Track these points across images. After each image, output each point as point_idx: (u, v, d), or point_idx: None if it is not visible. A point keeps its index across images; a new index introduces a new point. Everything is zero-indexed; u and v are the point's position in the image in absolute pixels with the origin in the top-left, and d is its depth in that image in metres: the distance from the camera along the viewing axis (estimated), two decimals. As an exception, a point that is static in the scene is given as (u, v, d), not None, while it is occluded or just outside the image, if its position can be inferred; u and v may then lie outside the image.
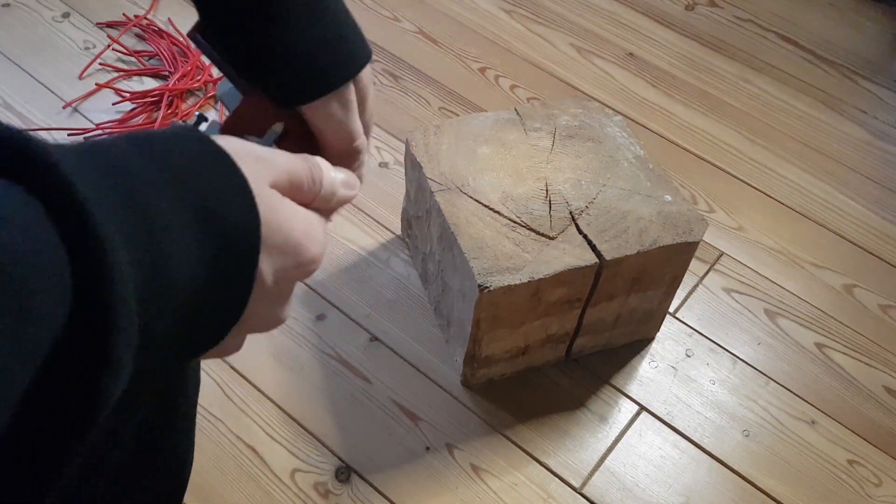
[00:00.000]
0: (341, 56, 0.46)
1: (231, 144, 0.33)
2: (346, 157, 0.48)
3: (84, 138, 1.13)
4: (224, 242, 0.31)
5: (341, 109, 0.46)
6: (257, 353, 0.93)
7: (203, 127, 0.48)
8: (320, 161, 0.38)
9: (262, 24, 0.43)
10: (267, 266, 0.33)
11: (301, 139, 0.47)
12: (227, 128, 0.46)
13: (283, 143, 0.47)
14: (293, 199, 0.36)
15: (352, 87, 0.47)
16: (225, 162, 0.32)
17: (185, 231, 0.29)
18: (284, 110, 0.46)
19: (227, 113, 0.49)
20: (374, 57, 1.42)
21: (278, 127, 0.46)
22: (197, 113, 0.49)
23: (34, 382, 0.24)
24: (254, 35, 0.43)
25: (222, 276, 0.31)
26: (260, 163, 0.34)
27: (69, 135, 1.14)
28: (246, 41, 0.44)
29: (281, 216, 0.33)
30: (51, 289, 0.24)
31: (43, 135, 1.14)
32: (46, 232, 0.24)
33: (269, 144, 0.46)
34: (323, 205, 0.38)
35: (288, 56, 0.44)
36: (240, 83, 0.48)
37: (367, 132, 0.50)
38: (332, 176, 0.38)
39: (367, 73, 0.48)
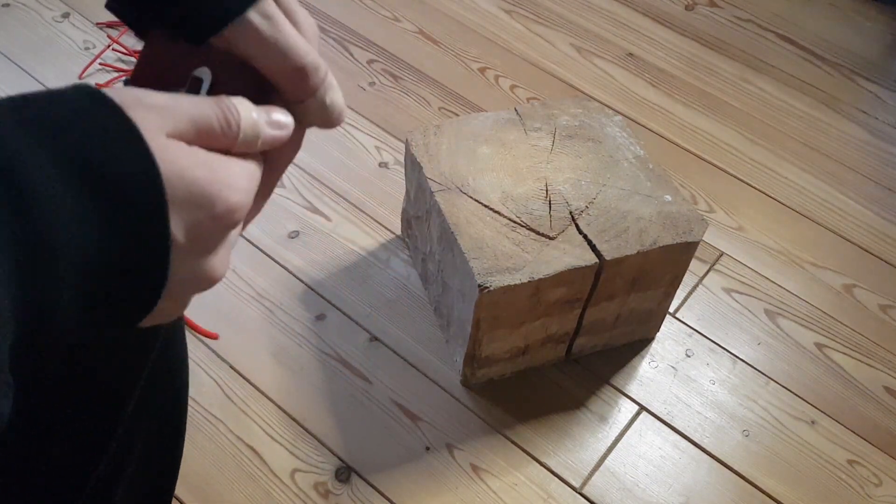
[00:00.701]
0: None
1: (123, 94, 0.30)
2: (300, 81, 0.40)
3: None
4: (118, 199, 0.28)
5: (266, 24, 0.38)
6: (257, 353, 0.93)
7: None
8: (236, 101, 0.34)
9: None
10: (175, 221, 0.30)
11: (235, 82, 0.39)
12: (136, 80, 0.39)
13: (217, 89, 0.39)
14: (205, 147, 0.32)
15: (272, 2, 0.39)
16: (113, 114, 0.29)
17: (67, 193, 0.27)
18: (201, 50, 0.38)
19: None
20: (374, 57, 1.42)
21: (204, 73, 0.39)
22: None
23: None
24: None
25: (125, 235, 0.28)
26: (155, 111, 0.30)
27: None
28: None
29: (181, 164, 0.30)
30: None
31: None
32: None
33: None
34: (246, 148, 0.34)
35: None
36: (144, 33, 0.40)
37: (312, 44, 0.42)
38: (253, 117, 0.34)
39: None
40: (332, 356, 0.93)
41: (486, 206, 0.83)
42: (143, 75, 0.39)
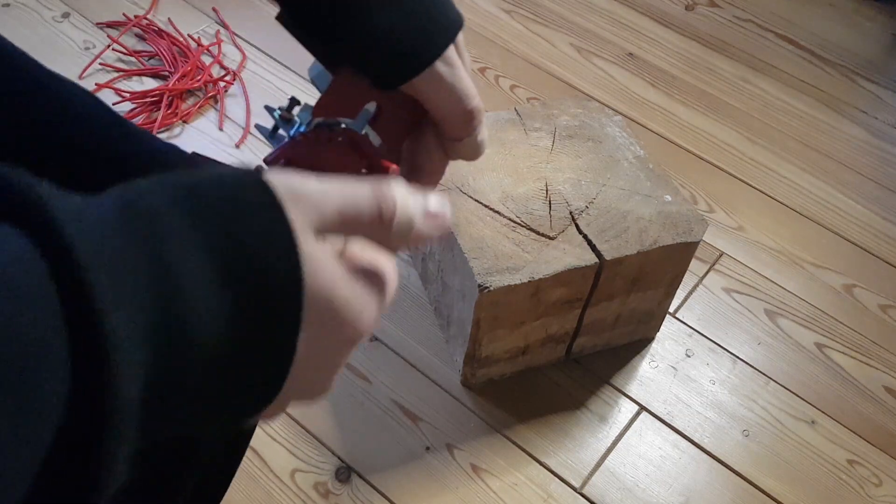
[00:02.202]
0: (440, 21, 0.42)
1: (282, 184, 0.29)
2: (466, 123, 0.44)
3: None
4: (258, 302, 0.27)
5: (449, 72, 0.42)
6: (257, 353, 0.93)
7: (295, 110, 0.44)
8: (394, 189, 0.31)
9: (351, 9, 0.40)
10: (303, 334, 0.29)
11: (397, 118, 0.43)
12: (319, 110, 0.43)
13: (377, 122, 0.43)
14: (350, 234, 0.31)
15: (453, 49, 0.43)
16: (272, 210, 0.28)
17: (212, 284, 0.26)
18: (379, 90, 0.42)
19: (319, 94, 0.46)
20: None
21: (371, 106, 0.43)
22: (291, 96, 0.46)
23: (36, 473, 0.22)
24: (343, 21, 0.41)
25: (256, 339, 0.28)
26: (310, 204, 0.29)
27: (69, 135, 1.14)
28: (335, 28, 0.41)
29: (323, 280, 0.29)
30: (50, 372, 0.22)
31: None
32: (47, 304, 0.22)
33: (362, 126, 0.43)
34: (400, 243, 0.32)
35: (383, 35, 0.41)
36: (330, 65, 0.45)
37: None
38: (409, 204, 0.32)
39: (461, 38, 0.45)
40: (332, 356, 0.93)
41: (486, 205, 0.83)
42: (328, 104, 0.43)
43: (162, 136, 1.15)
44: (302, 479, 0.83)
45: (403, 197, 0.31)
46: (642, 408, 0.92)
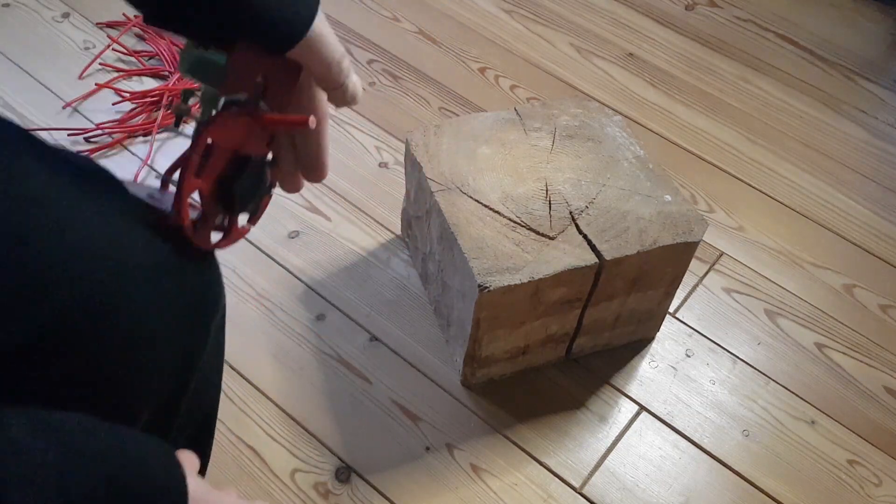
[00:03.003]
0: None
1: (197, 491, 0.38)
2: (338, 73, 0.50)
3: (84, 139, 1.13)
4: None
5: (320, 29, 0.47)
6: (257, 353, 0.93)
7: (191, 100, 0.51)
8: None
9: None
10: None
11: (281, 82, 0.49)
12: (224, 91, 0.48)
13: (266, 97, 0.49)
14: None
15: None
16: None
17: None
18: (263, 58, 0.47)
19: (202, 85, 0.51)
20: (374, 57, 1.42)
21: (260, 80, 0.48)
22: (184, 88, 0.51)
23: None
24: (235, 5, 0.44)
25: None
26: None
27: (69, 135, 1.14)
28: (224, 10, 0.44)
29: None
30: None
31: (43, 135, 1.14)
32: None
33: (257, 100, 0.48)
34: None
35: (269, 7, 0.45)
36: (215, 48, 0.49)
37: None
38: None
39: None
40: (332, 356, 0.93)
41: (486, 206, 0.83)
42: (229, 86, 0.48)
43: (161, 135, 1.16)
44: (302, 479, 0.83)
45: None
46: (642, 408, 0.92)
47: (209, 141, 0.47)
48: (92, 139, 1.14)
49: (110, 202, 0.44)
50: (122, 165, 1.11)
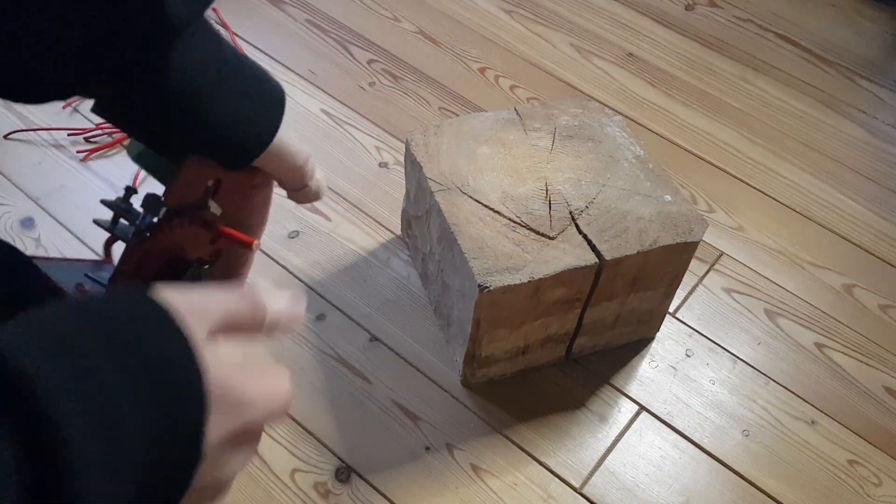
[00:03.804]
0: (271, 101, 0.46)
1: (173, 299, 0.33)
2: (300, 177, 0.50)
3: (84, 139, 1.14)
4: (171, 406, 0.31)
5: (280, 141, 0.47)
6: (257, 353, 0.92)
7: (133, 199, 0.48)
8: (262, 294, 0.38)
9: (195, 108, 0.43)
10: (211, 426, 0.33)
11: (236, 185, 0.48)
12: (170, 198, 0.46)
13: (217, 194, 0.47)
14: (234, 336, 0.36)
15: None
16: (169, 325, 0.32)
17: (134, 398, 0.30)
18: (216, 167, 0.46)
19: (149, 176, 0.49)
20: (374, 57, 1.42)
21: (211, 184, 0.47)
22: (126, 185, 0.50)
23: None
24: (188, 120, 0.43)
25: (171, 441, 0.31)
26: (199, 313, 0.34)
27: (69, 135, 1.14)
28: (180, 126, 0.44)
29: (223, 373, 0.33)
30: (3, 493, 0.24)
31: (43, 135, 1.14)
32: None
33: (204, 204, 0.47)
34: (266, 335, 0.38)
35: (225, 125, 0.44)
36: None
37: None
38: (275, 308, 0.38)
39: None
40: (332, 356, 0.93)
41: (486, 206, 0.83)
42: (178, 193, 0.46)
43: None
44: (302, 479, 0.83)
45: (270, 298, 0.38)
46: (642, 408, 0.92)
47: (146, 250, 0.46)
48: (92, 139, 1.14)
49: None
50: (122, 165, 1.11)
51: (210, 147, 0.44)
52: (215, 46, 0.44)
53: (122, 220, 0.47)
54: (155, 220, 0.47)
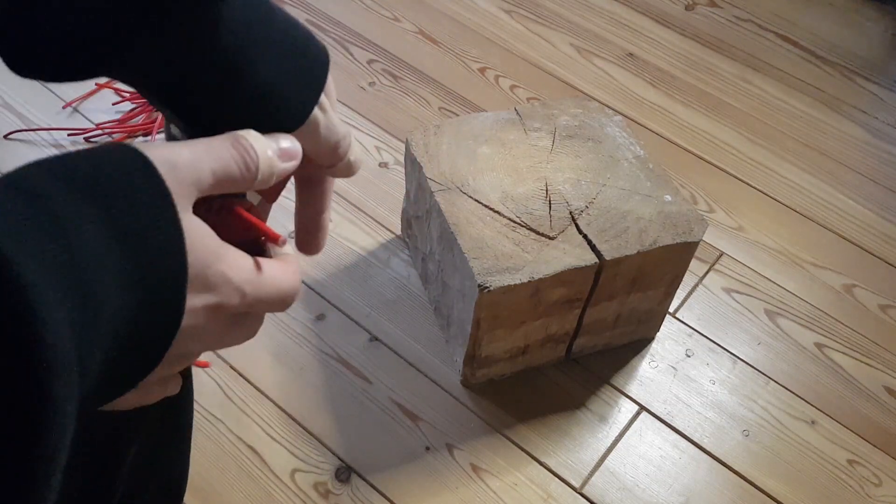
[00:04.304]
0: (317, 63, 0.43)
1: (157, 154, 0.32)
2: (335, 153, 0.47)
3: (84, 139, 1.14)
4: (150, 267, 0.30)
5: (322, 117, 0.44)
6: (257, 353, 0.93)
7: None
8: (251, 139, 0.36)
9: (235, 72, 0.40)
10: (189, 298, 0.32)
11: None
12: None
13: None
14: (227, 192, 0.35)
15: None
16: (153, 183, 0.31)
17: (109, 255, 0.28)
18: None
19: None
20: (374, 57, 1.42)
21: None
22: None
23: None
24: (228, 86, 0.41)
25: (149, 305, 0.30)
26: (185, 171, 0.32)
27: (69, 135, 1.14)
28: (218, 94, 0.41)
29: (202, 253, 0.32)
30: None
31: (43, 135, 1.14)
32: None
33: (243, 194, 0.45)
34: (263, 186, 0.37)
35: (266, 92, 0.41)
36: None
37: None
38: (268, 154, 0.37)
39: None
40: (332, 356, 0.93)
41: (486, 206, 0.83)
42: None
43: (161, 135, 1.15)
44: (302, 479, 0.83)
45: (262, 146, 0.36)
46: (642, 408, 0.92)
47: None
48: (92, 139, 1.14)
49: None
50: (122, 165, 1.11)
51: (256, 111, 0.41)
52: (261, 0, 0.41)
53: None
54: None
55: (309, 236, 0.50)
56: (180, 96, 0.41)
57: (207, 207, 0.44)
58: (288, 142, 0.39)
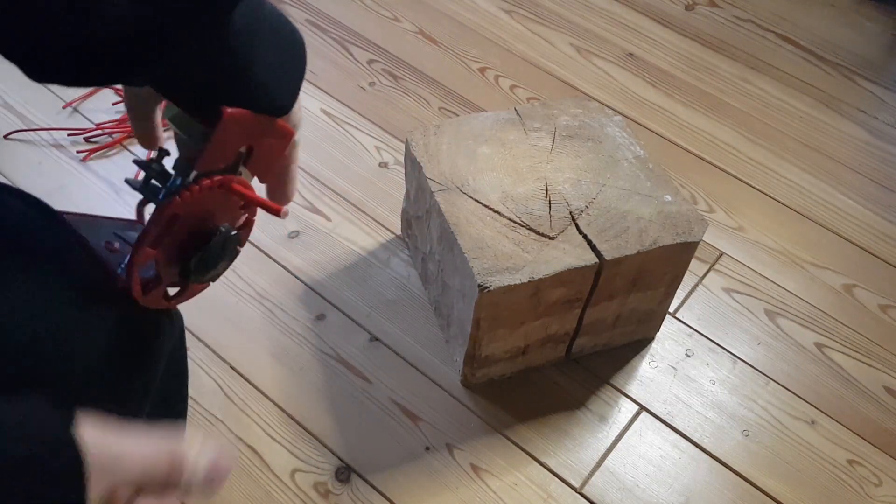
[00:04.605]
0: (298, 47, 0.47)
1: (91, 448, 0.35)
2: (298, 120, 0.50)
3: (84, 139, 1.14)
4: None
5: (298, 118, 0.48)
6: (257, 353, 0.93)
7: (165, 161, 0.48)
8: (184, 451, 0.40)
9: (236, 57, 0.43)
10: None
11: (268, 150, 0.48)
12: (202, 163, 0.45)
13: (248, 163, 0.47)
14: (145, 493, 0.38)
15: None
16: (76, 482, 0.34)
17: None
18: (254, 126, 0.46)
19: (181, 135, 0.49)
20: (374, 57, 1.42)
21: (244, 150, 0.47)
22: (159, 147, 0.51)
23: None
24: (229, 69, 0.43)
25: None
26: (109, 471, 0.36)
27: (69, 135, 1.14)
28: (220, 77, 0.43)
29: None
30: None
31: (43, 135, 1.14)
32: None
33: (236, 170, 0.47)
34: (182, 496, 0.40)
35: (265, 74, 0.44)
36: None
37: None
38: (197, 471, 0.40)
39: None
40: (332, 356, 0.93)
41: (486, 206, 0.83)
42: (213, 158, 0.45)
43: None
44: (302, 479, 0.83)
45: (194, 463, 0.40)
46: (642, 408, 0.92)
47: (175, 212, 0.45)
48: (92, 139, 1.14)
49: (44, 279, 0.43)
50: (122, 166, 1.11)
51: (255, 98, 0.44)
52: None
53: (154, 182, 0.47)
54: (185, 182, 0.46)
55: (281, 185, 0.52)
56: (190, 94, 0.44)
57: (208, 186, 0.46)
58: (217, 469, 0.42)
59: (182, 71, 0.41)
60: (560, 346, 0.92)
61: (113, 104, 1.19)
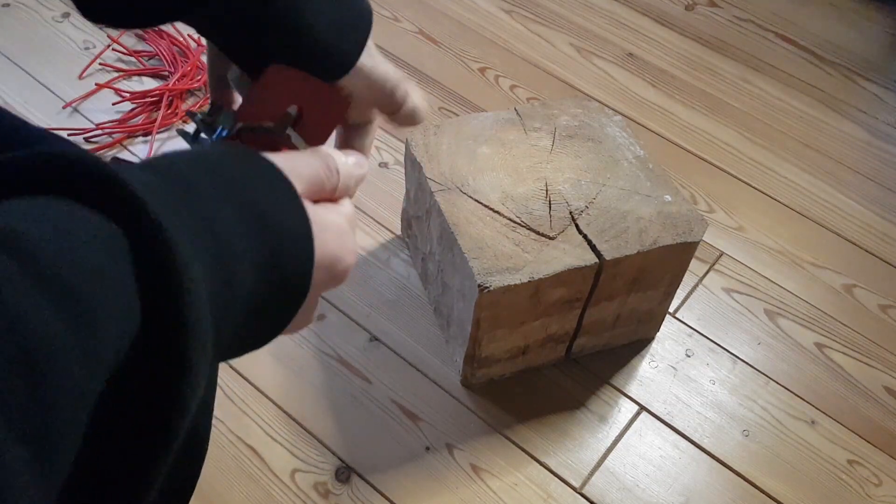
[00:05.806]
0: (362, 11, 0.45)
1: (274, 160, 0.36)
2: (392, 100, 0.48)
3: (84, 139, 1.14)
4: (280, 253, 0.33)
5: (369, 59, 0.45)
6: (257, 353, 0.92)
7: (218, 115, 0.46)
8: (331, 152, 0.40)
9: (283, 10, 0.42)
10: (313, 281, 0.36)
11: (321, 116, 0.45)
12: (244, 115, 0.44)
13: (300, 124, 0.45)
14: (317, 199, 0.38)
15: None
16: (276, 176, 0.35)
17: (247, 241, 0.31)
18: (303, 87, 0.44)
19: (238, 93, 0.48)
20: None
21: (293, 110, 0.45)
22: (212, 100, 0.48)
23: (109, 401, 0.24)
24: (275, 23, 0.42)
25: (279, 285, 0.33)
26: (294, 177, 0.36)
27: (69, 135, 1.14)
28: (267, 30, 0.42)
29: (321, 227, 0.36)
30: (119, 304, 0.24)
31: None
32: (116, 247, 0.25)
33: (283, 130, 0.44)
34: (343, 193, 0.41)
35: (316, 34, 0.42)
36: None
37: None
38: (349, 165, 0.41)
39: None
40: (332, 356, 0.93)
41: (486, 206, 0.83)
42: (251, 109, 0.44)
43: (161, 135, 1.16)
44: (302, 479, 0.83)
45: (338, 154, 0.41)
46: (642, 408, 0.92)
47: None
48: (92, 139, 1.14)
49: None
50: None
51: (304, 56, 0.43)
52: None
53: (203, 135, 0.46)
54: (229, 134, 0.45)
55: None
56: (237, 47, 0.44)
57: (251, 141, 0.45)
58: (355, 156, 0.43)
59: (231, 22, 0.41)
60: (560, 346, 0.92)
61: (113, 104, 1.19)
